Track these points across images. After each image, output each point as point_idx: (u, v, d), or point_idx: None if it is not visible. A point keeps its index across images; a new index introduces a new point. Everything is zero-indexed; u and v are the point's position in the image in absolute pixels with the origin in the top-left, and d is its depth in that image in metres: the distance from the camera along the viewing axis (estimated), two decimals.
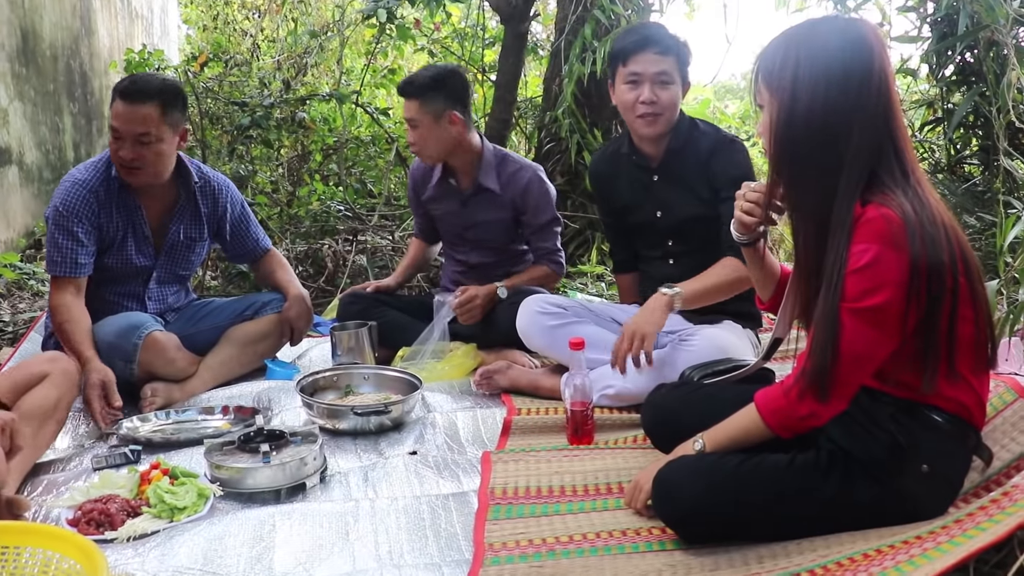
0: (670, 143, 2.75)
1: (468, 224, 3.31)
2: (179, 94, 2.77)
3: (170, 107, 2.71)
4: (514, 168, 3.24)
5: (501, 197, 3.22)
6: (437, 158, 3.21)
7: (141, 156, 2.70)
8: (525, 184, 3.20)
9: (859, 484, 1.68)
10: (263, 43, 7.43)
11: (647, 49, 2.65)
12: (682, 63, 2.70)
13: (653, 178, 2.81)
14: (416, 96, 3.08)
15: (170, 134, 2.73)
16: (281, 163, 5.69)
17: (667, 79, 2.66)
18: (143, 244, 2.86)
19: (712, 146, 2.72)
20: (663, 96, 2.66)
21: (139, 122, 2.66)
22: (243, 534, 1.82)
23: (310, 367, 3.12)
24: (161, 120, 2.69)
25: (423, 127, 3.10)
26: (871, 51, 1.61)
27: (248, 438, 2.19)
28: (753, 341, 2.75)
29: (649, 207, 2.82)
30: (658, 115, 2.68)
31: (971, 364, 1.66)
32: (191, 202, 2.93)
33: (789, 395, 1.65)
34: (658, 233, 2.84)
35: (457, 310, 3.05)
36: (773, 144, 1.67)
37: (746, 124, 7.76)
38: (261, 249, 3.18)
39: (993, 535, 1.42)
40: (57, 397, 2.24)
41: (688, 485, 1.72)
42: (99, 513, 1.88)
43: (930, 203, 1.58)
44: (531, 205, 3.21)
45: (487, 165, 3.22)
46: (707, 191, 2.71)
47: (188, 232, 2.95)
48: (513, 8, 4.88)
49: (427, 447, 2.41)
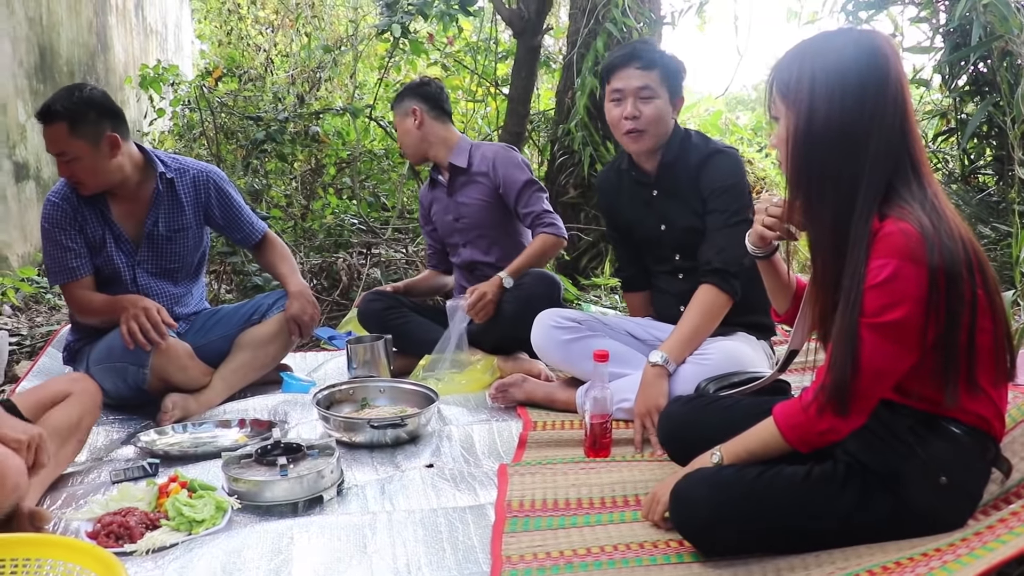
0: (663, 157, 2.75)
1: (456, 214, 3.41)
2: (87, 106, 2.73)
3: (77, 122, 2.70)
4: (485, 148, 3.42)
5: (474, 174, 3.36)
6: (415, 157, 3.49)
7: (73, 172, 2.75)
8: (492, 156, 3.37)
9: (877, 496, 1.67)
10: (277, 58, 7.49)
11: (629, 65, 2.66)
12: (668, 77, 2.68)
13: (652, 193, 2.80)
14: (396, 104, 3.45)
15: (87, 147, 2.72)
16: (295, 177, 5.72)
17: (649, 94, 2.65)
18: (121, 242, 2.89)
19: (702, 158, 2.71)
20: (645, 111, 2.65)
21: (53, 143, 2.72)
22: (261, 547, 1.83)
23: (326, 380, 3.13)
24: (70, 137, 2.70)
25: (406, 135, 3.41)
26: (886, 62, 1.61)
27: (265, 451, 2.20)
28: (768, 352, 2.75)
29: (652, 222, 2.82)
30: (642, 131, 2.67)
31: (990, 376, 1.65)
32: (168, 192, 2.93)
33: (808, 410, 1.64)
34: (664, 247, 2.84)
35: (470, 311, 3.06)
36: (790, 157, 1.67)
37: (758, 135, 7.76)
38: (257, 232, 3.17)
39: (1014, 548, 1.42)
40: (80, 416, 2.26)
41: (705, 497, 1.71)
42: (118, 526, 1.89)
43: (947, 215, 1.58)
44: (502, 174, 3.32)
45: (459, 150, 3.39)
46: (698, 202, 2.71)
47: (168, 223, 2.94)
48: (526, 22, 4.90)
49: (443, 460, 2.42)
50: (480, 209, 3.36)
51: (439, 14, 4.83)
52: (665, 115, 2.69)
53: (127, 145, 2.83)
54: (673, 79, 2.69)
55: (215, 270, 4.51)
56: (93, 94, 2.78)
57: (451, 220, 3.43)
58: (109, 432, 2.68)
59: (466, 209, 3.38)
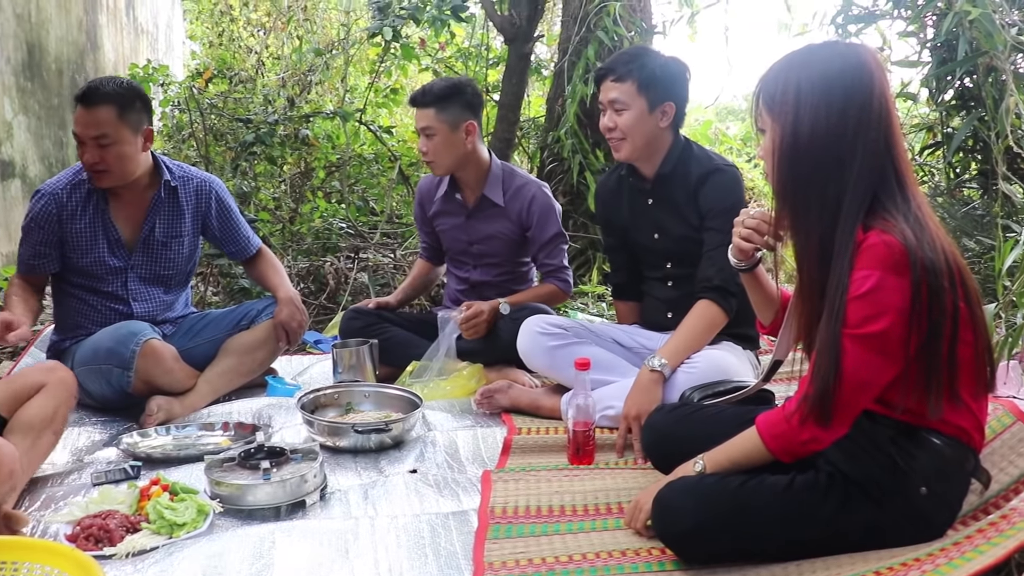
0: (661, 167, 2.76)
1: (473, 239, 3.32)
2: (137, 95, 2.79)
3: (127, 108, 2.73)
4: (520, 182, 3.27)
5: (505, 211, 3.24)
6: (449, 169, 3.21)
7: (103, 159, 2.73)
8: (530, 198, 3.23)
9: (858, 506, 1.68)
10: (268, 60, 7.47)
11: (606, 77, 2.70)
12: (645, 87, 2.66)
13: (648, 200, 2.82)
14: (432, 105, 3.10)
15: (130, 135, 2.75)
16: (284, 180, 5.71)
17: (621, 106, 2.67)
18: (114, 245, 2.88)
19: (703, 173, 2.71)
20: (619, 122, 2.68)
21: (96, 125, 2.70)
22: (243, 551, 1.82)
23: (311, 384, 3.12)
24: (118, 121, 2.71)
25: (439, 136, 3.11)
26: (871, 75, 1.62)
27: (248, 455, 2.19)
28: (753, 362, 2.76)
29: (647, 228, 2.84)
30: (620, 139, 2.70)
31: (971, 388, 1.66)
32: (169, 199, 2.93)
33: (791, 420, 1.65)
34: (657, 254, 2.86)
35: (462, 325, 3.05)
36: (776, 168, 1.68)
37: (747, 146, 7.79)
38: (252, 247, 3.17)
39: (991, 557, 1.43)
40: (55, 407, 2.24)
41: (688, 506, 1.72)
42: (98, 529, 1.88)
43: (929, 227, 1.59)
44: (536, 219, 3.23)
45: (494, 178, 3.24)
46: (695, 217, 2.72)
47: (166, 230, 2.94)
48: (517, 29, 4.91)
49: (427, 465, 2.42)
50: (501, 243, 3.30)
51: (431, 19, 4.84)
52: (642, 123, 2.68)
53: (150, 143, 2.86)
54: (654, 87, 2.66)
55: (202, 272, 4.50)
56: (135, 84, 2.83)
57: (464, 241, 3.35)
58: (91, 433, 2.66)
59: (486, 239, 3.30)
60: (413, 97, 3.19)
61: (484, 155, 3.24)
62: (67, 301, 2.92)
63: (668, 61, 2.71)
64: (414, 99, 3.17)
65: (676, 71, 2.71)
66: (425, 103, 3.11)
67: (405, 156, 5.68)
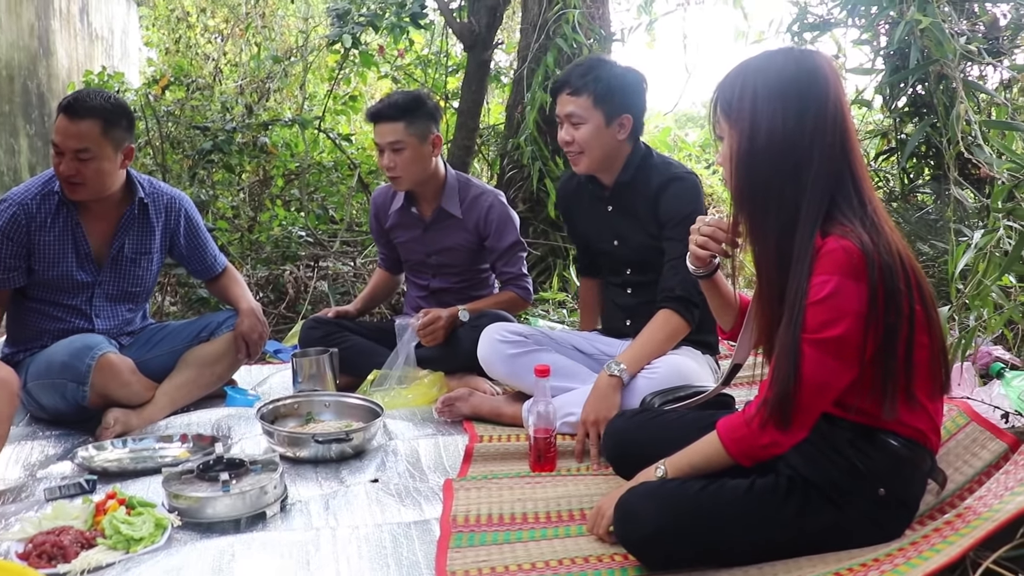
0: (620, 176, 2.76)
1: (431, 251, 3.31)
2: (123, 112, 2.75)
3: (111, 125, 2.69)
4: (476, 193, 3.26)
5: (463, 222, 3.24)
6: (414, 183, 3.18)
7: (80, 172, 2.67)
8: (487, 208, 3.23)
9: (818, 508, 1.70)
10: (226, 67, 7.39)
11: (562, 91, 2.70)
12: (601, 100, 2.64)
13: (608, 208, 2.83)
14: (400, 118, 3.06)
15: (111, 152, 2.70)
16: (242, 188, 5.65)
17: (577, 120, 2.66)
18: (84, 260, 2.82)
19: (662, 182, 2.71)
20: (576, 136, 2.67)
21: (78, 138, 2.65)
22: (202, 565, 1.79)
23: (270, 394, 3.09)
24: (102, 137, 2.67)
25: (409, 150, 3.08)
26: (826, 80, 1.64)
27: (207, 466, 2.16)
28: (712, 367, 2.78)
29: (607, 235, 2.85)
30: (578, 153, 2.70)
31: (927, 389, 1.69)
32: (141, 216, 2.89)
33: (751, 424, 1.67)
34: (616, 261, 2.87)
35: (420, 332, 3.04)
36: (733, 174, 1.69)
37: (706, 152, 7.86)
38: (219, 266, 3.15)
39: (947, 556, 1.45)
40: None
41: (649, 511, 1.72)
42: (51, 546, 1.83)
43: (885, 231, 1.62)
44: (493, 229, 3.23)
45: (450, 190, 3.23)
46: (655, 226, 2.72)
47: (135, 247, 2.90)
48: (476, 36, 4.92)
49: (389, 475, 2.40)
50: (460, 254, 3.30)
51: (390, 26, 4.83)
52: (600, 137, 2.68)
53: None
54: (611, 100, 2.65)
55: (160, 282, 4.43)
56: (122, 101, 2.78)
57: (422, 253, 3.34)
58: (44, 447, 2.60)
59: (444, 250, 3.30)
60: (377, 111, 3.10)
61: (441, 167, 3.24)
62: (24, 314, 2.85)
63: (624, 72, 2.70)
64: (378, 113, 3.10)
65: (632, 82, 2.70)
66: (392, 116, 3.06)
67: (364, 164, 5.65)
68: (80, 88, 5.39)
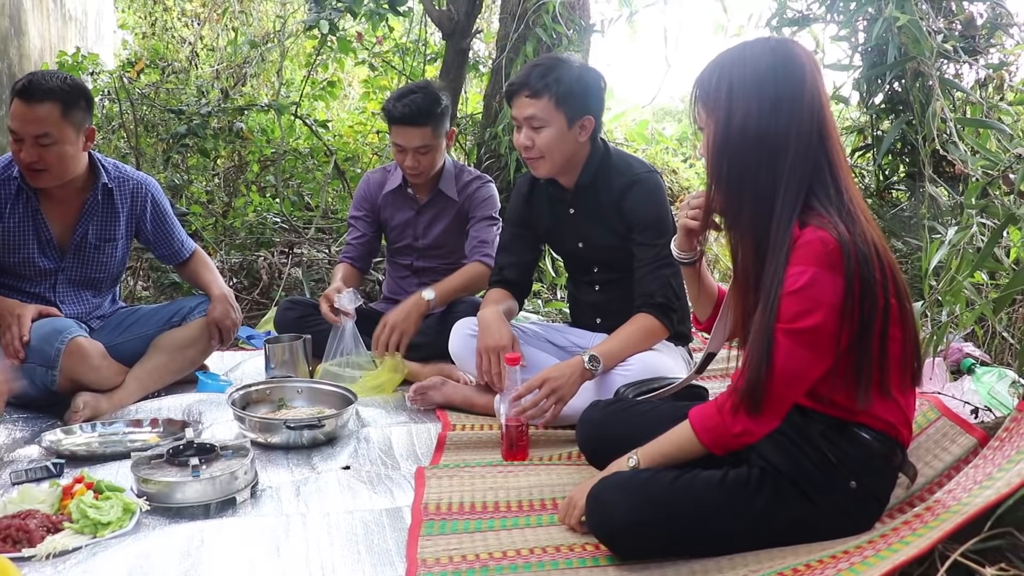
0: (580, 178, 2.70)
1: (420, 233, 3.35)
2: (81, 92, 2.67)
3: (71, 106, 2.62)
4: (470, 177, 3.36)
5: (457, 204, 3.31)
6: (430, 175, 3.24)
7: (42, 158, 2.61)
8: (477, 187, 3.32)
9: (789, 500, 1.71)
10: (202, 51, 7.31)
11: (520, 93, 2.58)
12: (563, 102, 2.55)
13: (569, 210, 2.78)
14: (426, 123, 3.07)
15: (72, 134, 2.64)
16: (217, 173, 5.59)
17: (538, 123, 2.56)
18: (46, 246, 2.78)
19: (624, 184, 2.66)
20: (537, 140, 2.58)
21: (37, 122, 2.58)
22: (170, 550, 1.77)
23: (242, 380, 3.06)
24: (62, 120, 2.60)
25: (434, 151, 3.15)
26: (802, 69, 1.65)
27: (177, 451, 2.14)
28: (686, 359, 2.79)
29: (570, 237, 2.82)
30: (538, 157, 2.61)
31: (899, 383, 1.70)
32: (105, 201, 2.85)
33: (723, 411, 1.67)
34: (582, 261, 2.85)
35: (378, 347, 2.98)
36: (711, 164, 1.69)
37: (683, 146, 7.87)
38: (186, 251, 3.10)
39: (916, 548, 1.46)
40: None
41: (621, 501, 1.73)
42: (16, 529, 1.81)
43: (861, 221, 1.62)
44: (477, 203, 3.30)
45: (448, 175, 3.31)
46: (622, 227, 2.68)
47: (99, 233, 2.86)
48: (455, 24, 4.89)
49: (361, 462, 2.39)
50: (449, 236, 3.35)
51: (368, 12, 4.78)
52: (562, 140, 2.59)
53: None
54: (572, 101, 2.56)
55: (131, 266, 4.38)
56: (79, 81, 2.69)
57: (411, 235, 3.36)
58: (11, 431, 2.57)
59: (434, 234, 3.35)
60: (404, 116, 3.05)
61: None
62: None
63: (583, 72, 2.61)
64: (405, 118, 3.05)
65: (592, 81, 2.61)
66: (420, 123, 3.06)
67: (341, 151, 5.62)
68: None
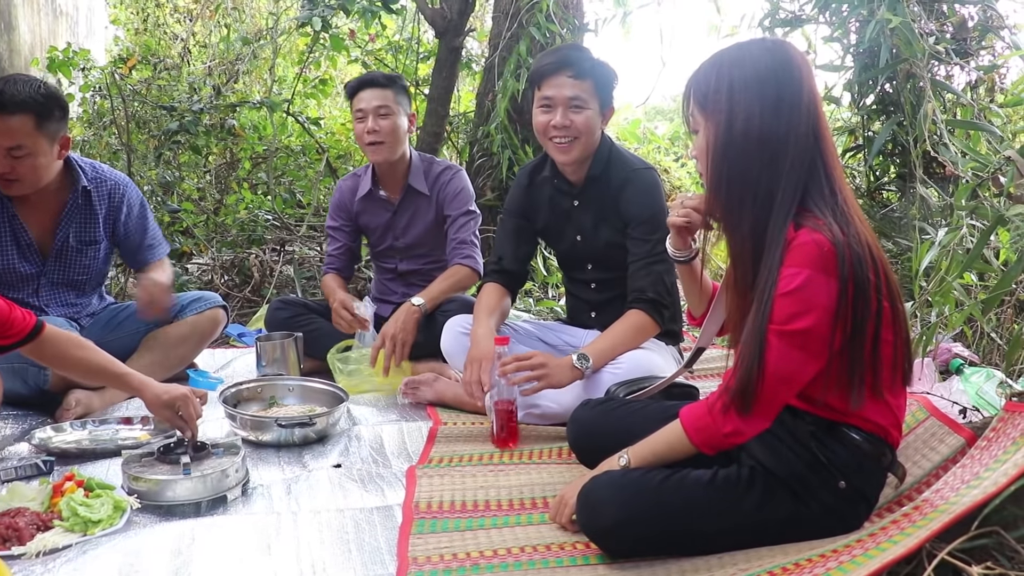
0: (591, 169, 2.71)
1: (399, 233, 3.33)
2: (55, 102, 2.59)
3: (44, 117, 2.56)
4: (439, 168, 3.34)
5: (430, 199, 3.29)
6: (393, 154, 3.23)
7: (15, 169, 2.57)
8: (449, 179, 3.31)
9: (779, 500, 1.71)
10: (194, 48, 7.29)
11: (561, 72, 2.58)
12: (601, 87, 2.62)
13: (573, 203, 2.79)
14: (388, 86, 3.18)
15: (46, 145, 2.60)
16: (209, 170, 5.59)
17: (580, 104, 2.59)
18: (27, 251, 2.76)
19: (622, 178, 2.68)
20: (577, 121, 2.59)
21: (10, 135, 2.52)
22: (161, 548, 1.77)
23: (234, 378, 3.06)
24: (36, 132, 2.55)
25: (396, 116, 3.18)
26: (799, 70, 1.65)
27: (168, 449, 2.14)
28: (676, 358, 2.79)
29: (569, 232, 2.82)
30: (573, 139, 2.61)
31: (890, 384, 1.70)
32: (84, 204, 2.83)
33: (713, 411, 1.68)
34: (579, 258, 2.85)
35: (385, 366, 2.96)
36: (711, 167, 1.69)
37: (675, 145, 7.89)
38: (157, 256, 3.05)
39: (904, 547, 1.47)
40: None
41: (612, 500, 1.73)
42: (6, 527, 1.81)
43: (854, 222, 1.63)
44: (451, 197, 3.29)
45: (416, 169, 3.31)
46: (620, 222, 2.70)
47: (80, 236, 2.84)
48: (448, 22, 4.89)
49: (352, 460, 2.39)
50: (428, 234, 3.33)
51: (361, 10, 4.78)
52: (595, 126, 2.64)
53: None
54: (605, 89, 2.63)
55: (121, 264, 4.37)
56: (54, 89, 2.63)
57: (389, 236, 3.36)
58: (1, 428, 2.56)
59: (413, 233, 3.33)
60: (367, 78, 3.20)
61: (408, 148, 3.31)
62: None
63: (605, 63, 2.67)
64: (369, 80, 3.19)
65: (613, 74, 2.68)
66: (382, 83, 3.17)
67: (333, 148, 5.61)
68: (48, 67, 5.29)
